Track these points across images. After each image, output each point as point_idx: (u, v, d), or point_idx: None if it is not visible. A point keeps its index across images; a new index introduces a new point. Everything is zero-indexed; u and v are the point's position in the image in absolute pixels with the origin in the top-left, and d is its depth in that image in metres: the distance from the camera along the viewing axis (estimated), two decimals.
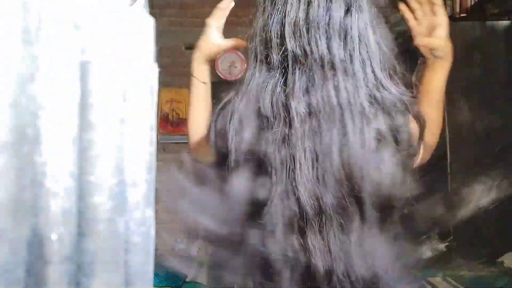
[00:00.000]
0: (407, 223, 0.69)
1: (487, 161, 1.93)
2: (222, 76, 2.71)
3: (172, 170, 0.70)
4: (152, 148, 0.42)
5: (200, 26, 0.83)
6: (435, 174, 0.74)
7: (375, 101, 0.61)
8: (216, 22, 0.82)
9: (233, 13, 0.82)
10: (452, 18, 2.24)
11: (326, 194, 0.59)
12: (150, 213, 0.42)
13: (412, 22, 0.75)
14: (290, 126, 0.61)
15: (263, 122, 0.63)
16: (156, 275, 1.63)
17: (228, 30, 0.85)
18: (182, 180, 0.70)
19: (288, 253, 0.60)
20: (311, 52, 0.62)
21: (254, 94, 0.64)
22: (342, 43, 0.62)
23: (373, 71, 0.63)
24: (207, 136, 0.71)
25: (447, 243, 1.81)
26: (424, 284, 0.71)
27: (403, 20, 0.77)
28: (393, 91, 0.63)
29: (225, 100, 0.69)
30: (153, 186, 0.43)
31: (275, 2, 0.66)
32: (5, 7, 0.32)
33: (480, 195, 1.91)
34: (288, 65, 0.63)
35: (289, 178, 0.60)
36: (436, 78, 0.74)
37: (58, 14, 0.35)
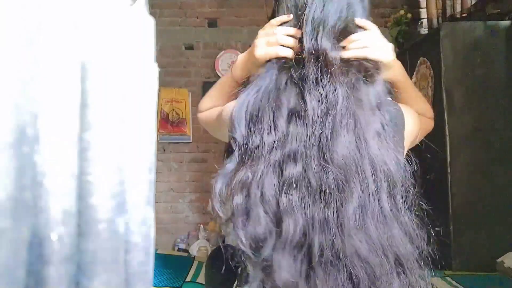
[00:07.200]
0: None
1: (487, 161, 1.93)
2: (221, 76, 2.72)
3: None
4: (152, 148, 0.42)
5: (200, 26, 0.83)
6: (435, 174, 0.74)
7: None
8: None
9: (233, 13, 0.82)
10: (452, 18, 2.24)
11: None
12: (150, 213, 0.42)
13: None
14: None
15: None
16: (156, 275, 1.63)
17: (229, 30, 0.85)
18: None
19: None
20: None
21: None
22: None
23: None
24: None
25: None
26: None
27: (403, 19, 0.77)
28: None
29: None
30: (153, 186, 0.43)
31: None
32: (5, 7, 0.32)
33: (480, 195, 1.91)
34: None
35: None
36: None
37: (58, 14, 0.35)
